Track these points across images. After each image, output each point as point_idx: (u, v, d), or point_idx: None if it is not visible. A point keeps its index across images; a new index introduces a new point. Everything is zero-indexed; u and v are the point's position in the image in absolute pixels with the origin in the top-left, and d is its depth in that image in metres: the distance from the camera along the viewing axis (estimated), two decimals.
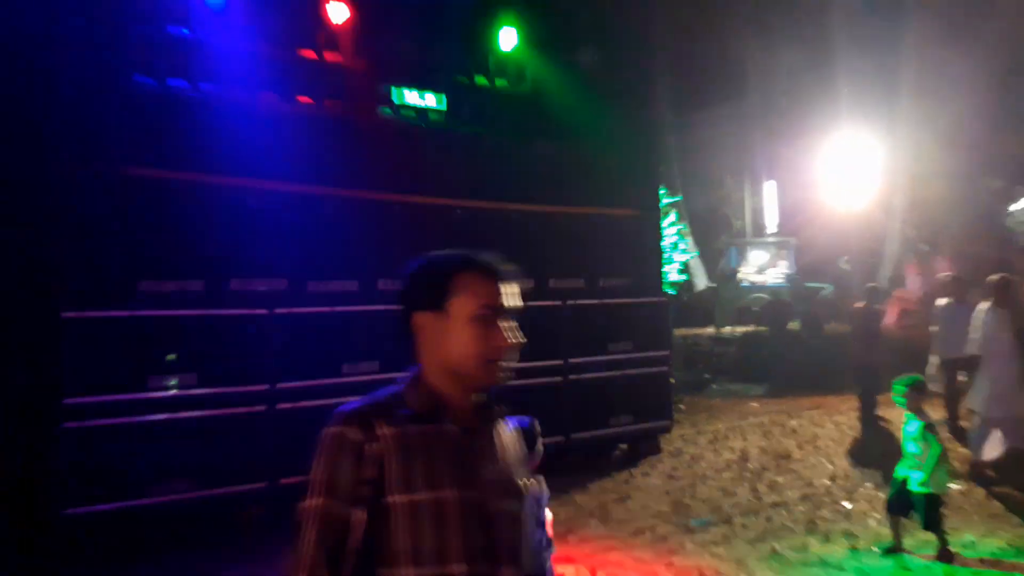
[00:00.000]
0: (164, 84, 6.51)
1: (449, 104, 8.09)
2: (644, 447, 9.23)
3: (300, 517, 1.70)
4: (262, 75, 7.00)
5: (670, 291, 17.33)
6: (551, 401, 8.15)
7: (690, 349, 16.14)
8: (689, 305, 18.67)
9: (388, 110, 7.74)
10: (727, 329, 16.63)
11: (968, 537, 6.13)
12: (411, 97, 7.83)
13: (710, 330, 16.90)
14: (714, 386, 14.52)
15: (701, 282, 20.42)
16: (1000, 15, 17.35)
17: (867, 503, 7.04)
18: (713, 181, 23.65)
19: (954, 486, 7.48)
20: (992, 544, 6.01)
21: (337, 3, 7.23)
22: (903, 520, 5.88)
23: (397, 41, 7.81)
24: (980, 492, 7.29)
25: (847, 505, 6.99)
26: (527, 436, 3.41)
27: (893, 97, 18.49)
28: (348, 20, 7.33)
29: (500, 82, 8.52)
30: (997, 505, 6.97)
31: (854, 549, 5.93)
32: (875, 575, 5.47)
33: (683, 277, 19.47)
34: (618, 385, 9.03)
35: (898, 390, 5.94)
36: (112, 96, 6.26)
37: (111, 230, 6.20)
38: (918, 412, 5.85)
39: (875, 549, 5.90)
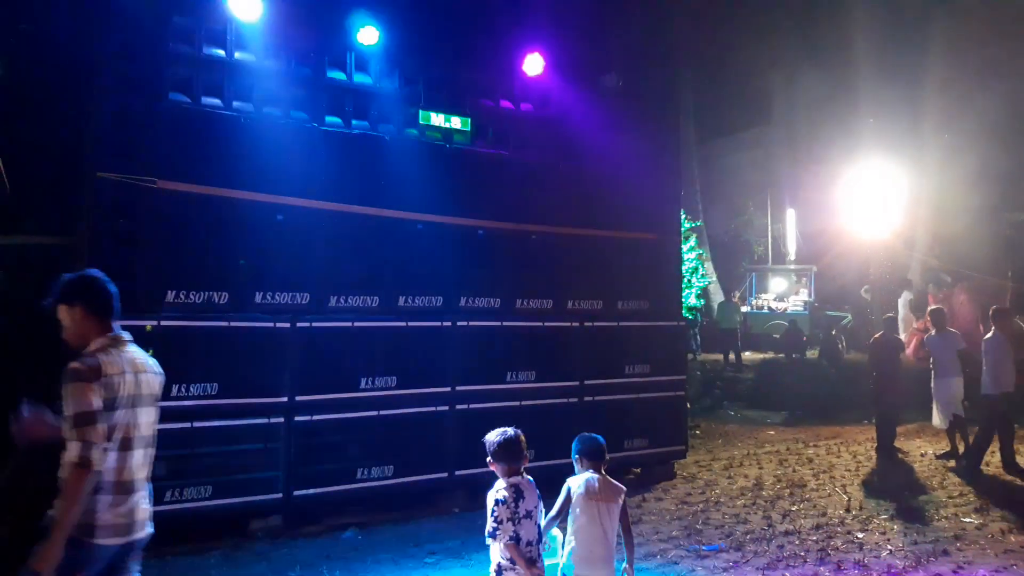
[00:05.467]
0: (198, 102, 6.72)
1: (474, 126, 8.25)
2: (658, 471, 9.25)
3: None
4: (293, 95, 7.21)
5: (688, 316, 17.38)
6: (566, 422, 8.19)
7: (707, 374, 16.14)
8: (707, 330, 18.65)
9: (414, 131, 7.91)
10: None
11: (981, 572, 6.09)
12: (437, 119, 7.99)
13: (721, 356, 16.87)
14: (731, 412, 14.49)
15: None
16: None
17: (880, 535, 7.01)
18: (735, 207, 23.68)
19: (969, 520, 7.45)
20: None
21: (368, 27, 7.42)
22: None
23: (425, 64, 7.99)
24: (996, 527, 7.23)
25: (860, 536, 6.97)
26: None
27: (918, 129, 18.49)
28: (378, 43, 7.52)
29: (524, 105, 8.67)
30: (1012, 540, 6.91)
31: None
32: None
33: (701, 302, 19.47)
34: (633, 408, 9.08)
35: None
36: (148, 112, 6.48)
37: (141, 240, 6.39)
38: None
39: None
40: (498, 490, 3.87)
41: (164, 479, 6.23)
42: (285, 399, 6.87)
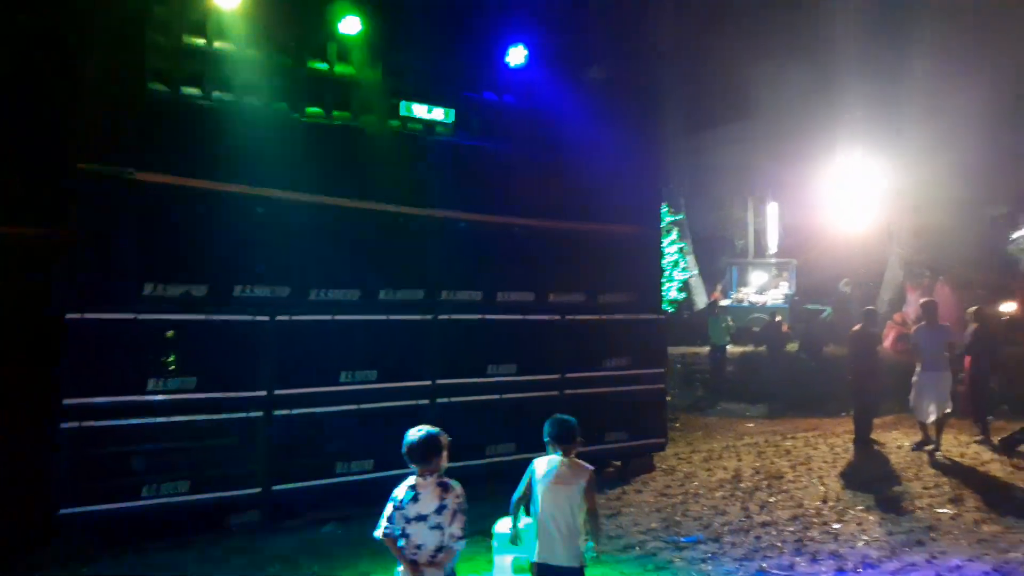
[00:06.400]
0: (178, 92, 6.66)
1: (456, 117, 8.22)
2: (638, 464, 9.31)
3: None
4: (274, 85, 7.15)
5: (669, 308, 17.46)
6: (547, 415, 8.16)
7: (688, 367, 16.23)
8: (689, 322, 18.75)
9: (396, 122, 7.87)
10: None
11: (955, 562, 6.19)
12: (419, 110, 7.97)
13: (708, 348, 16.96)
14: (712, 405, 14.58)
15: (701, 301, 20.50)
16: (1006, 44, 17.48)
17: (856, 525, 7.10)
18: (717, 201, 23.78)
19: (944, 511, 7.55)
20: (978, 568, 6.06)
21: (350, 17, 7.37)
22: None
23: (407, 55, 7.96)
24: (970, 518, 7.34)
25: (836, 526, 7.05)
26: None
27: (898, 123, 18.61)
28: (360, 33, 7.48)
29: (508, 97, 8.65)
30: (985, 530, 7.02)
31: (841, 570, 5.99)
32: None
33: (682, 295, 19.56)
34: (614, 401, 9.12)
35: None
36: (126, 103, 6.40)
37: (118, 233, 6.33)
38: None
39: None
40: (399, 487, 3.84)
41: (141, 474, 6.21)
42: (264, 393, 6.84)
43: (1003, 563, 6.17)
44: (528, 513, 4.38)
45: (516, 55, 8.46)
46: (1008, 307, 15.64)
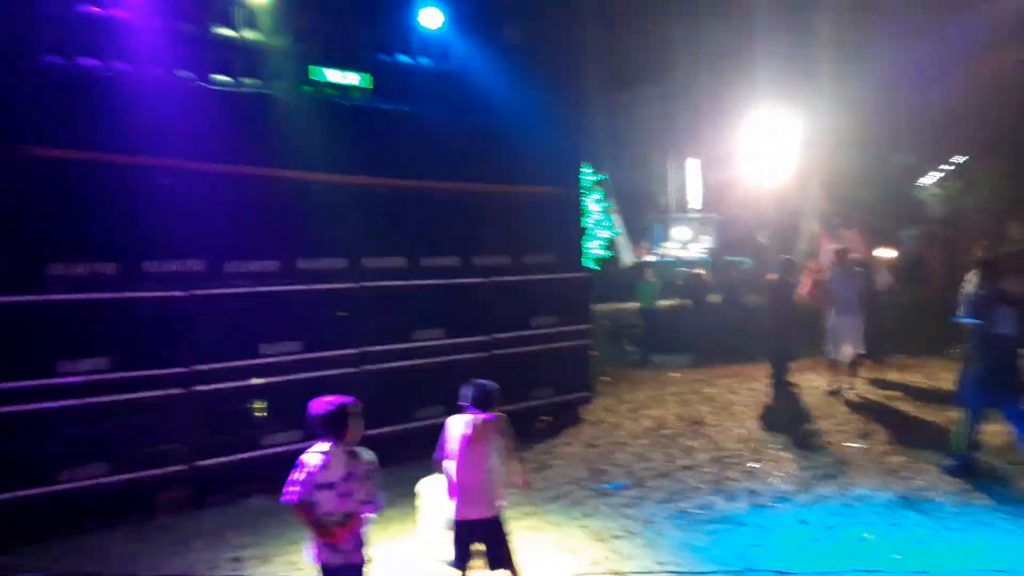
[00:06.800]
0: (74, 63, 6.38)
1: (373, 82, 8.12)
2: (566, 417, 9.55)
3: None
4: (177, 54, 6.91)
5: (594, 266, 17.70)
6: (475, 375, 8.31)
7: (616, 323, 16.55)
8: (616, 280, 19.06)
9: (310, 88, 7.74)
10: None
11: (862, 491, 6.58)
12: (333, 75, 7.84)
13: (635, 304, 17.31)
14: (638, 358, 14.95)
15: (628, 258, 20.88)
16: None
17: (772, 463, 7.47)
18: (641, 159, 24.08)
19: (855, 445, 8.00)
20: (883, 496, 6.47)
21: None
22: None
23: (318, 19, 7.80)
24: (878, 450, 7.79)
25: (753, 465, 7.41)
26: None
27: (809, 75, 19.12)
28: None
29: (424, 60, 8.58)
30: (893, 460, 7.46)
31: (755, 506, 6.32)
32: (773, 527, 5.84)
33: (607, 253, 19.85)
34: (541, 359, 9.30)
35: None
36: (19, 75, 6.12)
37: (18, 212, 6.09)
38: None
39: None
40: (308, 453, 3.81)
41: (58, 458, 6.08)
42: (183, 370, 6.72)
43: (907, 490, 6.61)
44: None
45: (431, 17, 8.37)
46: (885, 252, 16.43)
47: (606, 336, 15.53)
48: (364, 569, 3.84)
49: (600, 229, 19.43)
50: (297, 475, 3.75)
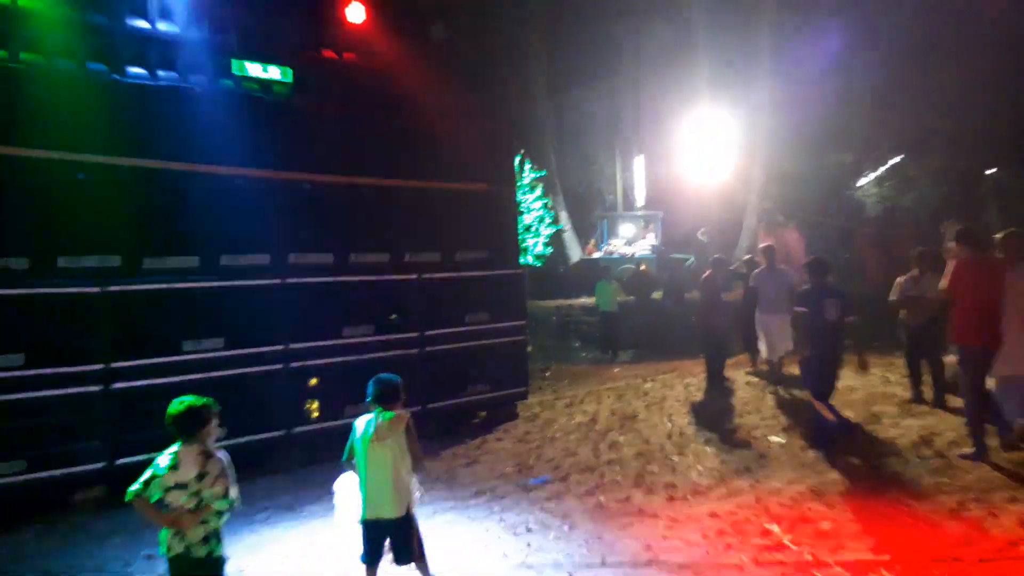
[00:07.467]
0: None
1: (295, 77, 8.04)
2: (501, 413, 9.60)
3: None
4: (89, 45, 6.78)
5: (535, 263, 17.79)
6: (407, 372, 8.26)
7: (562, 319, 16.68)
8: (563, 276, 19.20)
9: (230, 82, 7.63)
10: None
11: (776, 484, 6.72)
12: (253, 69, 7.75)
13: (583, 300, 17.47)
14: (583, 354, 15.09)
15: (576, 254, 21.02)
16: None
17: (694, 457, 7.58)
18: (588, 157, 24.27)
19: (776, 439, 8.15)
20: (795, 489, 6.60)
21: None
22: None
23: (237, 11, 7.70)
24: (798, 445, 7.93)
25: (675, 459, 7.51)
26: None
27: (752, 74, 19.46)
28: None
29: (349, 55, 8.52)
30: (810, 455, 7.61)
31: (671, 499, 6.41)
32: (684, 519, 5.94)
33: (548, 250, 19.95)
34: (475, 355, 9.32)
35: None
36: None
37: None
38: None
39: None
40: (162, 454, 3.82)
41: None
42: (100, 366, 6.61)
43: (819, 483, 6.75)
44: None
45: (354, 12, 8.32)
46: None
47: (552, 331, 15.65)
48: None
49: (542, 226, 19.55)
50: (147, 474, 3.76)
